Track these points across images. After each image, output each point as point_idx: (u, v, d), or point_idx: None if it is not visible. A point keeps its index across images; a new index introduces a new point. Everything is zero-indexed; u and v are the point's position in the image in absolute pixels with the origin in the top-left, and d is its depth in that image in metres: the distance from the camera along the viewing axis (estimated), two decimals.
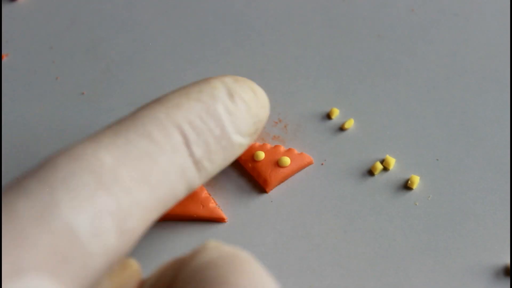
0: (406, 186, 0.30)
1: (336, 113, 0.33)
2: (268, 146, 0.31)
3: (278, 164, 0.31)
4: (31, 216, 0.19)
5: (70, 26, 0.37)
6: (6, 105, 0.34)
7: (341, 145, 0.32)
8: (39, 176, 0.20)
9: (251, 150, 0.31)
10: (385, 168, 0.31)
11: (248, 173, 0.31)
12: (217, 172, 0.25)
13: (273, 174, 0.31)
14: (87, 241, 0.19)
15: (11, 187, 0.20)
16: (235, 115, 0.25)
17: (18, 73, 0.35)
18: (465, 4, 0.37)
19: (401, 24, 0.36)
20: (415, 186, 0.30)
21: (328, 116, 0.33)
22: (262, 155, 0.31)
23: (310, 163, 0.31)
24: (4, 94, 0.35)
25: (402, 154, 0.32)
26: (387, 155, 0.31)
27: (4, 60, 0.36)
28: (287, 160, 0.31)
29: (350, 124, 0.32)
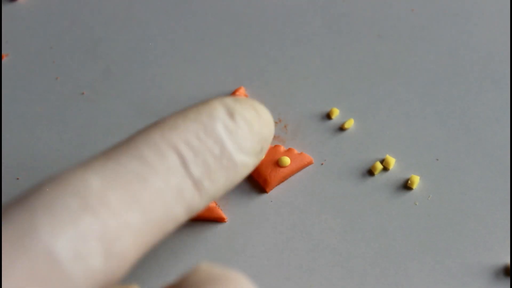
0: (406, 186, 0.30)
1: (336, 113, 0.33)
2: (268, 146, 0.31)
3: (278, 164, 0.31)
4: (8, 240, 0.19)
5: (70, 26, 0.37)
6: (6, 105, 0.34)
7: (341, 145, 0.32)
8: (22, 201, 0.20)
9: None
10: (385, 168, 0.31)
11: None
12: (222, 193, 0.24)
13: (273, 174, 0.31)
14: (68, 265, 0.19)
15: None
16: (236, 133, 0.24)
17: (18, 73, 0.35)
18: (465, 4, 0.37)
19: (401, 24, 0.36)
20: (415, 186, 0.30)
21: (328, 116, 0.33)
22: None
23: (310, 163, 0.31)
24: (4, 94, 0.35)
25: (402, 154, 0.32)
26: (387, 155, 0.31)
27: (4, 60, 0.36)
28: (287, 160, 0.31)
29: (350, 124, 0.32)
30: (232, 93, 0.33)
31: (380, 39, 0.36)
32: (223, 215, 0.30)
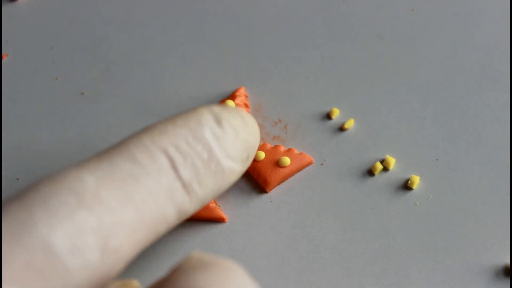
0: (406, 186, 0.30)
1: (336, 113, 0.33)
2: (268, 146, 0.31)
3: (278, 164, 0.31)
4: (7, 233, 0.19)
5: (70, 26, 0.37)
6: (6, 105, 0.34)
7: (341, 145, 0.32)
8: (20, 198, 0.21)
9: None
10: (385, 168, 0.31)
11: (248, 173, 0.31)
12: (210, 198, 0.25)
13: (273, 174, 0.31)
14: (65, 257, 0.20)
15: None
16: (223, 139, 0.25)
17: (18, 73, 0.35)
18: (465, 4, 0.37)
19: (401, 24, 0.36)
20: (415, 186, 0.30)
21: (328, 116, 0.33)
22: (262, 155, 0.31)
23: (310, 163, 0.31)
24: (4, 94, 0.35)
25: (402, 154, 0.32)
26: (387, 155, 0.31)
27: (4, 60, 0.36)
28: (287, 160, 0.31)
29: (350, 124, 0.32)
30: (232, 93, 0.33)
31: (380, 39, 0.36)
32: (223, 215, 0.30)
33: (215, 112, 0.25)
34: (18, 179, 0.32)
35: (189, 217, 0.30)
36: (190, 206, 0.24)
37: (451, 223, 0.29)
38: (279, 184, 0.31)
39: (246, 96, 0.34)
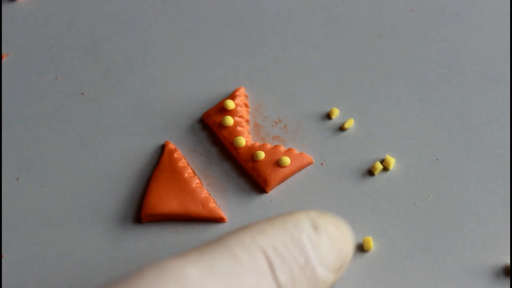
0: (407, 186, 0.30)
1: (336, 113, 0.33)
2: (268, 146, 0.31)
3: (278, 164, 0.31)
4: None
5: (70, 26, 0.37)
6: (6, 105, 0.34)
7: (341, 145, 0.32)
8: (127, 282, 0.22)
9: (251, 150, 0.31)
10: (385, 168, 0.31)
11: (248, 173, 0.31)
12: None
13: (273, 174, 0.31)
14: None
15: None
16: (319, 246, 0.25)
17: (18, 73, 0.35)
18: (465, 4, 0.37)
19: (401, 24, 0.36)
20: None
21: (328, 116, 0.33)
22: (262, 155, 0.31)
23: (310, 163, 0.31)
24: (4, 94, 0.35)
25: (402, 154, 0.32)
26: (387, 155, 0.31)
27: (4, 60, 0.36)
28: (287, 160, 0.31)
29: (350, 124, 0.32)
30: (232, 93, 0.33)
31: (380, 39, 0.36)
32: (223, 215, 0.30)
33: (312, 218, 0.25)
34: (18, 179, 0.32)
35: (189, 217, 0.30)
36: None
37: (451, 223, 0.29)
38: (279, 184, 0.31)
39: (246, 96, 0.34)
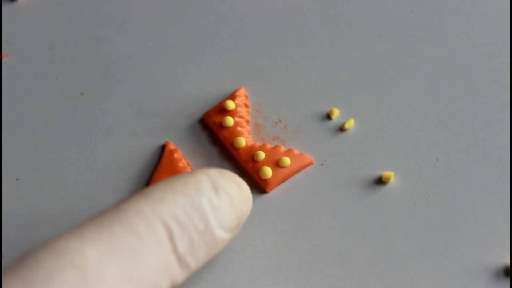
0: (407, 186, 0.30)
1: (336, 113, 0.33)
2: (268, 146, 0.31)
3: (278, 164, 0.31)
4: None
5: (70, 26, 0.37)
6: (6, 105, 0.34)
7: (341, 145, 0.32)
8: (21, 273, 0.21)
9: (251, 150, 0.31)
10: (385, 169, 0.31)
11: (248, 173, 0.31)
12: (198, 268, 0.25)
13: (273, 174, 0.31)
14: None
15: None
16: (219, 209, 0.25)
17: (18, 73, 0.35)
18: (465, 4, 0.37)
19: (401, 24, 0.36)
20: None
21: (328, 116, 0.33)
22: (262, 155, 0.31)
23: (310, 164, 0.31)
24: (4, 94, 0.35)
25: (402, 154, 0.32)
26: (387, 157, 0.31)
27: (4, 60, 0.36)
28: (287, 160, 0.31)
29: (350, 124, 0.32)
30: (232, 93, 0.33)
31: (380, 39, 0.36)
32: None
33: (212, 178, 0.25)
34: (18, 179, 0.32)
35: None
36: (181, 278, 0.24)
37: (451, 223, 0.29)
38: (279, 184, 0.31)
39: (246, 96, 0.34)
